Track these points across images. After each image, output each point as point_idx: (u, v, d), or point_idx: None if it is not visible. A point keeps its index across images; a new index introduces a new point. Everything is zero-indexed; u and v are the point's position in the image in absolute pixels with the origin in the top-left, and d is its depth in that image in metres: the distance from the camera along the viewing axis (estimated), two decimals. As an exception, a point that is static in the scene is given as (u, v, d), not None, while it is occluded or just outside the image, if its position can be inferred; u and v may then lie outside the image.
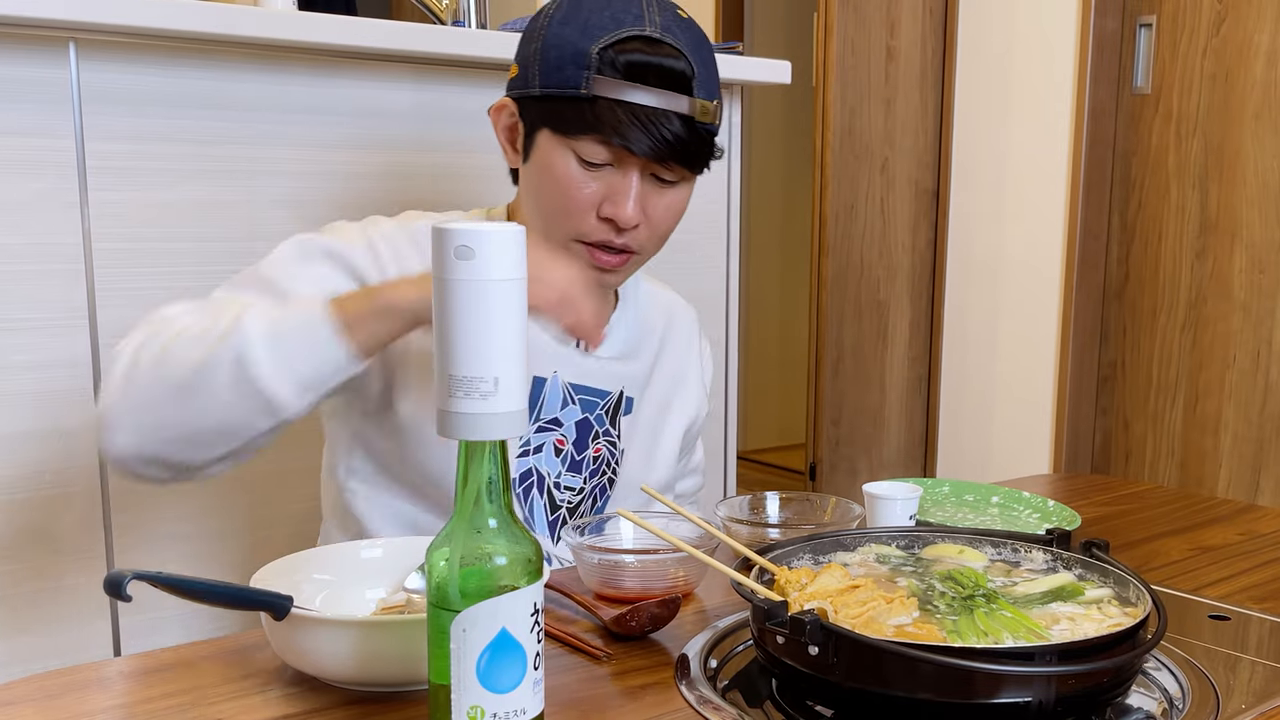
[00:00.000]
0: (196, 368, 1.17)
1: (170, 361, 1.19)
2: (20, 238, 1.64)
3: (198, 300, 1.29)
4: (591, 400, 1.49)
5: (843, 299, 3.72)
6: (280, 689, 0.99)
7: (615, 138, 1.31)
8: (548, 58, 1.34)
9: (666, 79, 1.33)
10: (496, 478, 0.79)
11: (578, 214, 1.36)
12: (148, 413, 1.20)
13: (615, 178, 1.35)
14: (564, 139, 1.34)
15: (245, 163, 1.81)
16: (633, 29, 1.32)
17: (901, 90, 3.72)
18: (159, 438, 1.21)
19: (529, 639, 0.79)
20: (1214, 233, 3.30)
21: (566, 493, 1.48)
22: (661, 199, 1.39)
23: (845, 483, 3.76)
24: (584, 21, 1.33)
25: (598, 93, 1.31)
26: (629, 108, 1.31)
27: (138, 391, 1.20)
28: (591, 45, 1.31)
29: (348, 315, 1.18)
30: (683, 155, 1.35)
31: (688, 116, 1.33)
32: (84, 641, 1.74)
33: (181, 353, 1.19)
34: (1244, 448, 3.28)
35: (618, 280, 1.47)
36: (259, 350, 1.16)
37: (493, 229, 0.77)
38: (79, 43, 1.65)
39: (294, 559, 1.11)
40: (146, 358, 1.20)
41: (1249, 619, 1.20)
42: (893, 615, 0.98)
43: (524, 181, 1.44)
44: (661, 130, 1.32)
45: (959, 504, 1.60)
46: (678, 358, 1.63)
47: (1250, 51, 3.18)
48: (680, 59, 1.34)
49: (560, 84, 1.33)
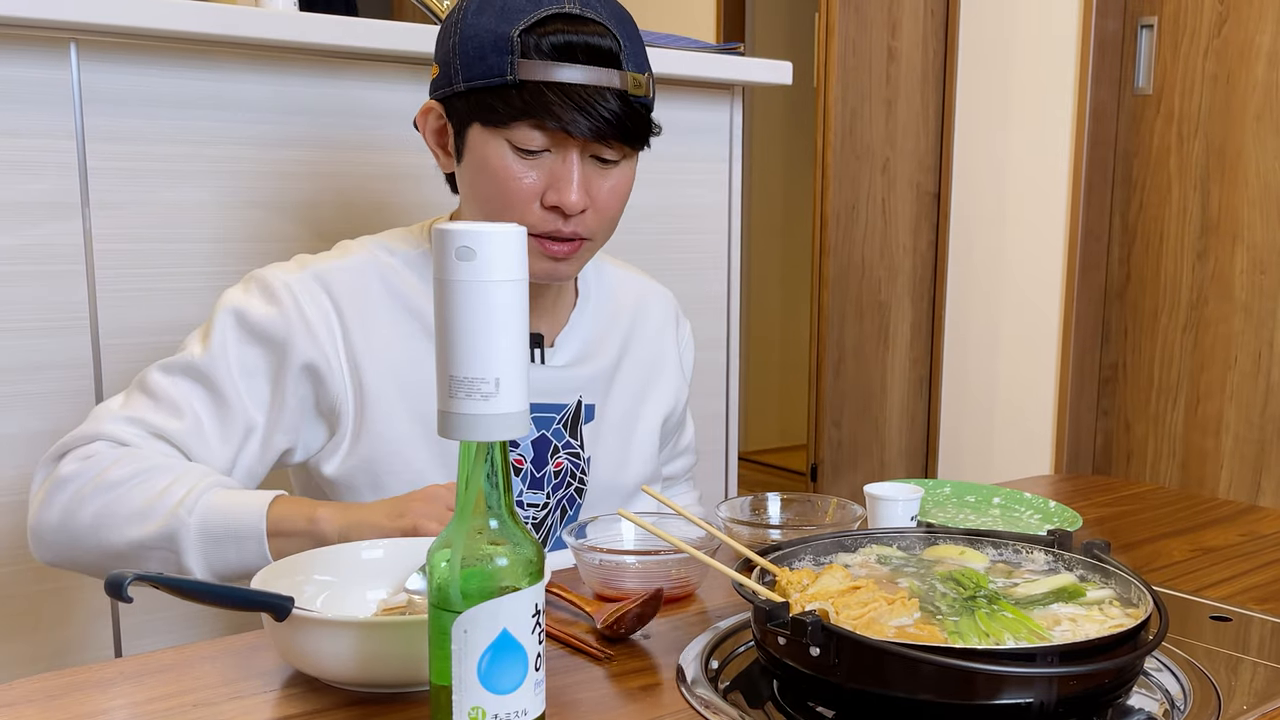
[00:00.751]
0: (132, 545, 1.25)
1: (107, 529, 1.25)
2: (21, 238, 1.64)
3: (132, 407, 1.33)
4: (546, 417, 1.46)
5: (844, 300, 3.72)
6: (281, 690, 0.99)
7: (550, 120, 1.28)
8: (467, 50, 1.31)
9: (594, 55, 1.30)
10: (498, 479, 0.79)
11: (520, 205, 1.33)
12: (76, 552, 1.28)
13: (555, 164, 1.32)
14: (496, 130, 1.31)
15: (246, 163, 1.81)
16: (552, 7, 1.29)
17: (903, 91, 3.73)
18: (84, 566, 1.31)
19: (530, 640, 0.79)
20: (1215, 234, 3.30)
21: (530, 509, 1.46)
22: (605, 181, 1.36)
23: (846, 484, 3.76)
24: (500, 7, 1.30)
25: (524, 77, 1.28)
26: (559, 88, 1.28)
27: (71, 536, 1.27)
28: (511, 29, 1.28)
29: (282, 535, 1.23)
30: (621, 132, 1.32)
31: (621, 91, 1.30)
32: (85, 642, 1.74)
33: (119, 526, 1.25)
34: (1245, 449, 3.28)
35: (572, 270, 1.41)
36: (193, 553, 1.23)
37: (494, 229, 0.77)
38: (80, 43, 1.65)
39: (295, 560, 1.11)
40: (87, 514, 1.26)
41: (1250, 620, 1.20)
42: (894, 616, 0.98)
43: (462, 184, 1.41)
44: (597, 108, 1.29)
45: (960, 505, 1.60)
46: (649, 346, 1.60)
47: (1251, 52, 3.18)
48: (606, 35, 1.31)
49: (484, 74, 1.29)
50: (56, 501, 1.27)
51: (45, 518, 1.28)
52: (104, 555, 1.26)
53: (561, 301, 1.51)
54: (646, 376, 1.59)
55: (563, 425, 1.48)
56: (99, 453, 1.28)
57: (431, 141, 1.42)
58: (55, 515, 1.27)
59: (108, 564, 1.25)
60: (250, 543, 1.22)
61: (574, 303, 1.53)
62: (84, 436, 1.30)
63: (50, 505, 1.28)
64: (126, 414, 1.32)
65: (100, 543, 1.25)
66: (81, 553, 1.28)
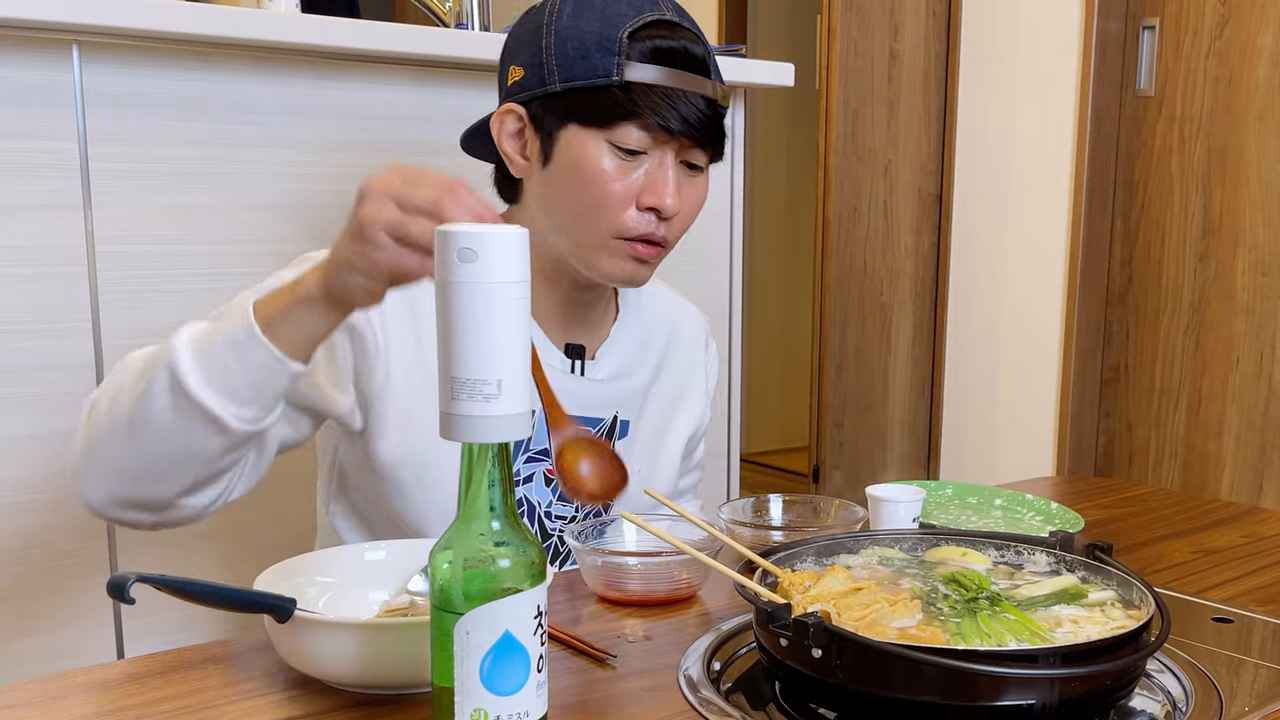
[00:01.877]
0: (140, 396, 1.13)
1: (119, 399, 1.16)
2: (23, 240, 1.64)
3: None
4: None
5: (846, 302, 3.72)
6: (283, 692, 0.99)
7: (654, 118, 1.30)
8: (565, 50, 1.31)
9: (690, 62, 1.32)
10: (500, 480, 0.79)
11: (617, 207, 1.33)
12: (105, 454, 1.17)
13: (652, 166, 1.33)
14: (596, 130, 1.32)
15: (248, 165, 1.81)
16: (653, 14, 1.32)
17: (904, 93, 3.72)
18: (121, 478, 1.18)
19: (532, 641, 0.79)
20: (1217, 235, 3.30)
21: (558, 522, 1.46)
22: (693, 187, 1.38)
23: (848, 485, 3.76)
24: (600, 10, 1.31)
25: (630, 77, 1.29)
26: (662, 90, 1.30)
27: (95, 436, 1.18)
28: (617, 31, 1.30)
29: (271, 312, 1.10)
30: (714, 136, 1.35)
31: (712, 99, 1.34)
32: (87, 644, 1.74)
33: (129, 388, 1.16)
34: (1247, 451, 3.28)
35: (649, 274, 1.41)
36: (187, 364, 1.10)
37: (496, 231, 0.77)
38: (82, 45, 1.66)
39: (297, 561, 1.11)
40: (102, 404, 1.18)
41: (1252, 622, 1.20)
42: (896, 617, 0.98)
43: (544, 187, 1.38)
44: (694, 110, 1.31)
45: (962, 506, 1.60)
46: (680, 369, 1.60)
47: (1253, 53, 3.18)
48: (698, 43, 1.34)
49: (587, 74, 1.30)
50: (78, 426, 1.20)
51: (73, 442, 1.20)
52: (122, 433, 1.15)
53: (604, 315, 1.51)
54: (676, 395, 1.58)
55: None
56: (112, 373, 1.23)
57: (507, 145, 1.40)
58: (79, 435, 1.20)
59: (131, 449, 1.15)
60: (246, 342, 1.09)
61: (615, 317, 1.53)
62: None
63: (80, 424, 1.20)
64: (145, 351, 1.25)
65: (114, 417, 1.15)
66: (104, 449, 1.17)
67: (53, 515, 1.70)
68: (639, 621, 1.16)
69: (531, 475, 1.44)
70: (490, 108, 1.44)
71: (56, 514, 1.70)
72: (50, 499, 1.69)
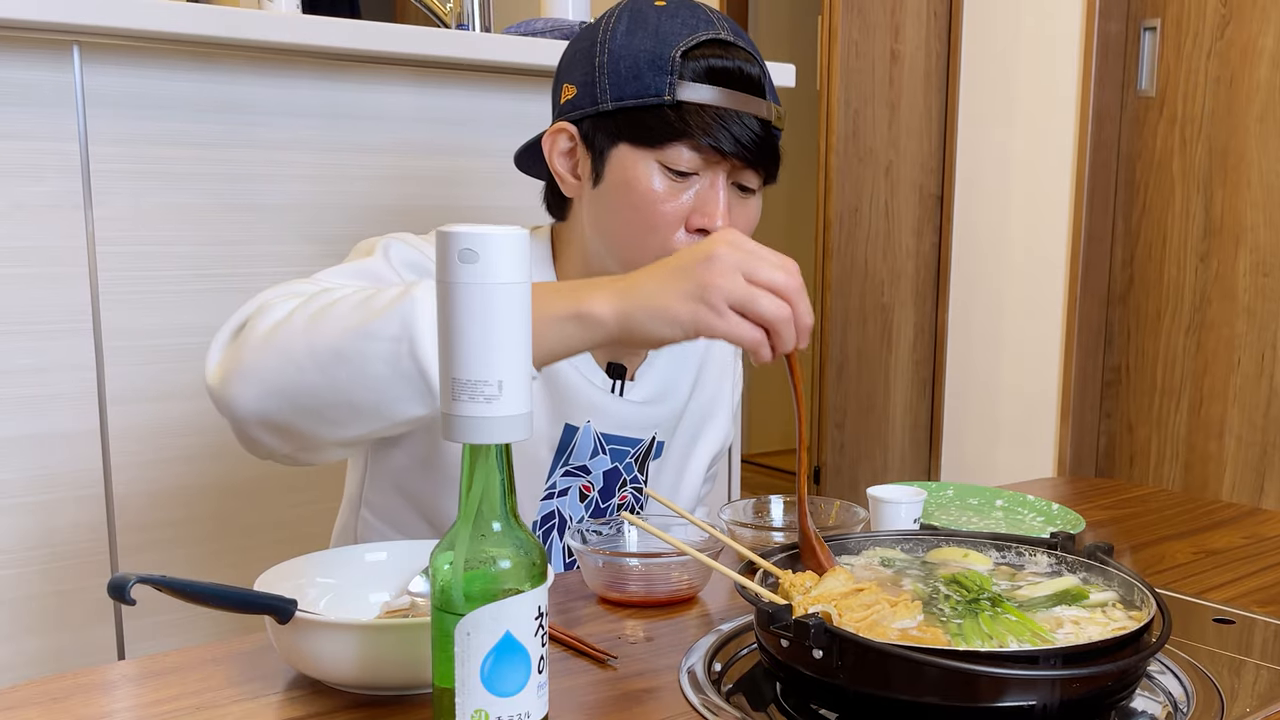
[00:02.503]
0: (355, 332, 1.07)
1: (327, 322, 1.09)
2: (24, 241, 1.64)
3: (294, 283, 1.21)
4: (622, 450, 1.45)
5: (847, 302, 3.72)
6: (284, 693, 0.99)
7: (705, 138, 1.27)
8: (618, 69, 1.29)
9: (745, 82, 1.29)
10: (501, 481, 0.79)
11: (666, 229, 1.30)
12: (289, 372, 1.10)
13: (703, 188, 1.30)
14: (647, 150, 1.29)
15: (249, 166, 1.81)
16: (708, 32, 1.29)
17: (905, 93, 3.73)
18: (293, 403, 1.11)
19: (533, 642, 0.79)
20: (1218, 236, 3.30)
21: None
22: (744, 210, 1.36)
23: (849, 486, 3.76)
24: (654, 29, 1.29)
25: (682, 97, 1.27)
26: (714, 110, 1.27)
27: (284, 347, 1.10)
28: (671, 50, 1.27)
29: (540, 319, 1.06)
30: (767, 157, 1.32)
31: (766, 120, 1.31)
32: (88, 645, 1.74)
33: (341, 316, 1.09)
34: (1248, 451, 3.28)
35: None
36: (425, 324, 1.05)
37: (497, 232, 0.77)
38: (83, 46, 1.66)
39: (298, 562, 1.11)
40: (301, 316, 1.11)
41: (1253, 622, 1.20)
42: (897, 618, 0.98)
43: (594, 206, 1.36)
44: (747, 131, 1.28)
45: (963, 507, 1.60)
46: (711, 386, 1.58)
47: (1254, 54, 3.18)
48: (753, 63, 1.31)
49: (639, 93, 1.28)
50: (263, 322, 1.12)
51: (251, 335, 1.12)
52: (319, 360, 1.09)
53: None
54: (705, 416, 1.58)
55: (634, 460, 1.47)
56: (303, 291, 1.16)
57: (559, 164, 1.37)
58: (261, 333, 1.12)
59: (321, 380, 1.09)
60: None
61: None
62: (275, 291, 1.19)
63: (254, 326, 1.13)
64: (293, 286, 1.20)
65: (316, 339, 1.08)
66: (290, 367, 1.10)
67: (54, 516, 1.70)
68: (640, 622, 1.16)
69: (567, 490, 1.43)
70: (490, 109, 1.44)
71: (58, 514, 1.70)
72: (51, 499, 1.69)
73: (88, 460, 1.71)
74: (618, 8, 1.34)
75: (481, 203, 2.03)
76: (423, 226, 1.49)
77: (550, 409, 1.39)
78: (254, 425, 1.14)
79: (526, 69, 2.01)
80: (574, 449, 1.42)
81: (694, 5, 1.33)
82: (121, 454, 1.74)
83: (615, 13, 1.33)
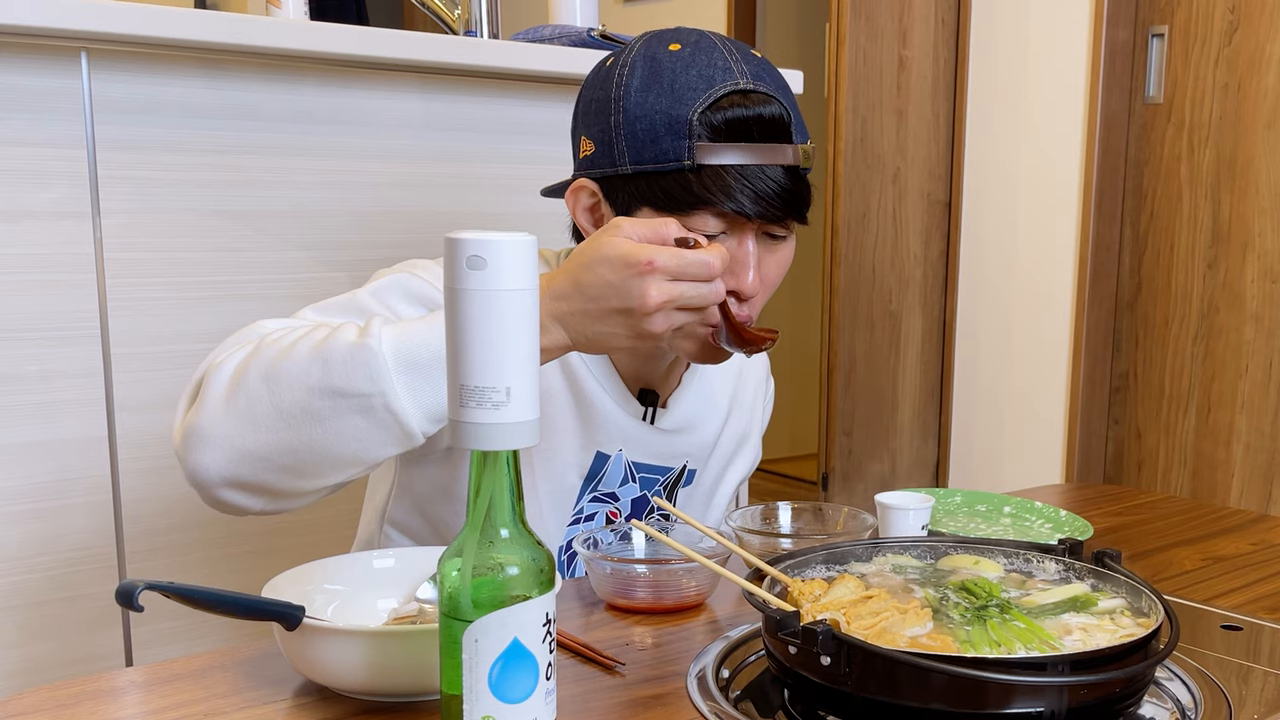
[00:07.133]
0: (324, 392, 1.07)
1: (285, 379, 1.09)
2: (32, 248, 1.65)
3: (289, 320, 1.21)
4: (652, 478, 1.45)
5: (855, 309, 3.71)
6: (292, 699, 0.99)
7: (729, 204, 1.22)
8: (634, 131, 1.25)
9: (768, 131, 1.25)
10: (509, 488, 0.79)
11: None
12: (254, 435, 1.10)
13: (730, 245, 1.25)
14: (671, 215, 1.23)
15: (257, 172, 1.82)
16: (725, 86, 1.24)
17: (913, 100, 3.73)
18: (266, 462, 1.11)
19: (541, 649, 0.79)
20: (1226, 243, 3.30)
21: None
22: (774, 257, 1.31)
23: (857, 493, 3.75)
24: (669, 85, 1.24)
25: (702, 160, 1.22)
26: (736, 171, 1.22)
27: (246, 410, 1.10)
28: (688, 111, 1.22)
29: None
30: (796, 208, 1.27)
31: (793, 167, 1.26)
32: (95, 652, 1.74)
33: (299, 371, 1.09)
34: (1256, 458, 3.27)
35: (727, 355, 1.32)
36: (400, 389, 1.07)
37: (505, 238, 0.77)
38: (91, 53, 1.66)
39: (306, 569, 1.11)
40: (255, 373, 1.10)
41: (1261, 629, 1.19)
42: (907, 626, 0.98)
43: None
44: (772, 187, 1.24)
45: (971, 514, 1.60)
46: (744, 413, 1.57)
47: (1262, 61, 3.17)
48: (774, 104, 1.26)
49: (657, 159, 1.24)
50: (216, 382, 1.12)
51: (207, 399, 1.11)
52: (284, 419, 1.09)
53: (678, 361, 1.45)
54: (738, 442, 1.57)
55: (663, 488, 1.47)
56: (252, 338, 1.16)
57: (582, 219, 1.34)
58: (218, 395, 1.11)
59: (290, 438, 1.09)
60: None
61: (687, 364, 1.47)
62: (227, 344, 1.18)
63: (208, 388, 1.12)
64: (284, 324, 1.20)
65: (277, 399, 1.08)
66: (254, 430, 1.10)
67: (62, 522, 1.70)
68: (647, 629, 1.16)
69: (594, 514, 1.43)
70: (498, 116, 1.44)
71: (65, 521, 1.70)
72: (60, 506, 1.69)
73: (96, 467, 1.72)
74: (632, 53, 1.29)
75: (489, 209, 2.03)
76: (430, 233, 1.49)
77: (582, 436, 1.38)
78: (222, 489, 1.14)
79: (534, 76, 2.01)
80: (604, 476, 1.41)
81: (710, 45, 1.27)
82: (129, 460, 1.74)
83: (629, 62, 1.28)
